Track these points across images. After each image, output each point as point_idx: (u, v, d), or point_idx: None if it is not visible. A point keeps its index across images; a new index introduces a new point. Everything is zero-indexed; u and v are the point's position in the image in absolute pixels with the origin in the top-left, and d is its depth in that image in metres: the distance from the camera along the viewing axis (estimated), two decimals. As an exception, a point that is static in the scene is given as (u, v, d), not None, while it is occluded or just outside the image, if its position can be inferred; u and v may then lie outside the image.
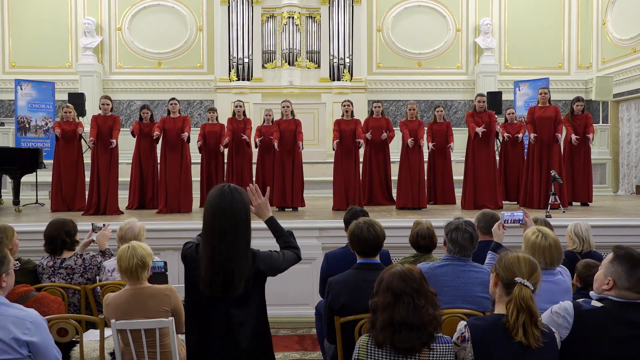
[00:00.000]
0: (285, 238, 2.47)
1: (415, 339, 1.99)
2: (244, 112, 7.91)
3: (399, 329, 1.99)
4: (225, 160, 7.88)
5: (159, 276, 3.19)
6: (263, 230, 2.54)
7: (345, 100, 7.73)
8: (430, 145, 8.00)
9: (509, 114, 8.52)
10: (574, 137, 7.57)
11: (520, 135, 8.01)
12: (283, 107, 7.58)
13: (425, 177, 7.89)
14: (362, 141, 7.36)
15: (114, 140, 7.00)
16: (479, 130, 7.07)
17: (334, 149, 7.39)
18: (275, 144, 7.30)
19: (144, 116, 7.81)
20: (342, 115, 7.58)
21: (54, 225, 3.67)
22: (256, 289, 2.27)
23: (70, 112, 7.73)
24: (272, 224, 2.49)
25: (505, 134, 7.97)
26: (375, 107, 8.17)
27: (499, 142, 8.01)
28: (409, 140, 7.35)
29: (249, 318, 2.23)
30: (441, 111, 8.22)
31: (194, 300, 2.29)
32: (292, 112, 7.59)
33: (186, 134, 7.12)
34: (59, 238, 3.62)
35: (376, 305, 2.09)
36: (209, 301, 2.21)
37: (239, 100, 8.10)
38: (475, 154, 7.24)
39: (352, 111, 7.57)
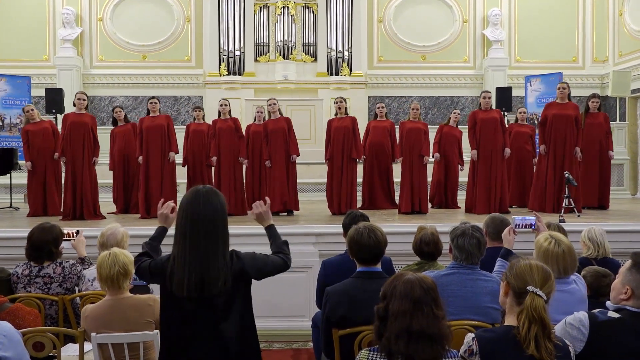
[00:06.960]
0: (279, 244, 2.59)
1: (432, 351, 1.98)
2: (229, 111, 7.81)
3: (415, 338, 1.97)
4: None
5: (140, 289, 3.18)
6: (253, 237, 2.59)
7: (337, 98, 7.73)
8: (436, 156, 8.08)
9: (520, 113, 8.50)
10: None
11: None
12: (269, 105, 7.52)
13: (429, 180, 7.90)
14: (359, 159, 7.47)
15: (97, 159, 7.17)
16: (474, 156, 7.21)
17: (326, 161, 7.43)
18: (268, 163, 7.34)
19: (117, 117, 7.87)
20: (335, 114, 7.55)
21: (44, 230, 3.60)
22: (240, 290, 2.34)
23: (32, 111, 7.80)
24: (270, 232, 2.66)
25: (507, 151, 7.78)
26: (379, 108, 8.29)
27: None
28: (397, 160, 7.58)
29: (234, 322, 2.31)
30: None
31: (172, 308, 2.35)
32: (279, 111, 7.57)
33: (172, 153, 7.27)
34: (46, 247, 3.56)
35: (385, 311, 2.05)
36: (189, 305, 2.28)
37: (223, 99, 7.96)
38: (481, 154, 7.21)
39: (345, 108, 7.55)
